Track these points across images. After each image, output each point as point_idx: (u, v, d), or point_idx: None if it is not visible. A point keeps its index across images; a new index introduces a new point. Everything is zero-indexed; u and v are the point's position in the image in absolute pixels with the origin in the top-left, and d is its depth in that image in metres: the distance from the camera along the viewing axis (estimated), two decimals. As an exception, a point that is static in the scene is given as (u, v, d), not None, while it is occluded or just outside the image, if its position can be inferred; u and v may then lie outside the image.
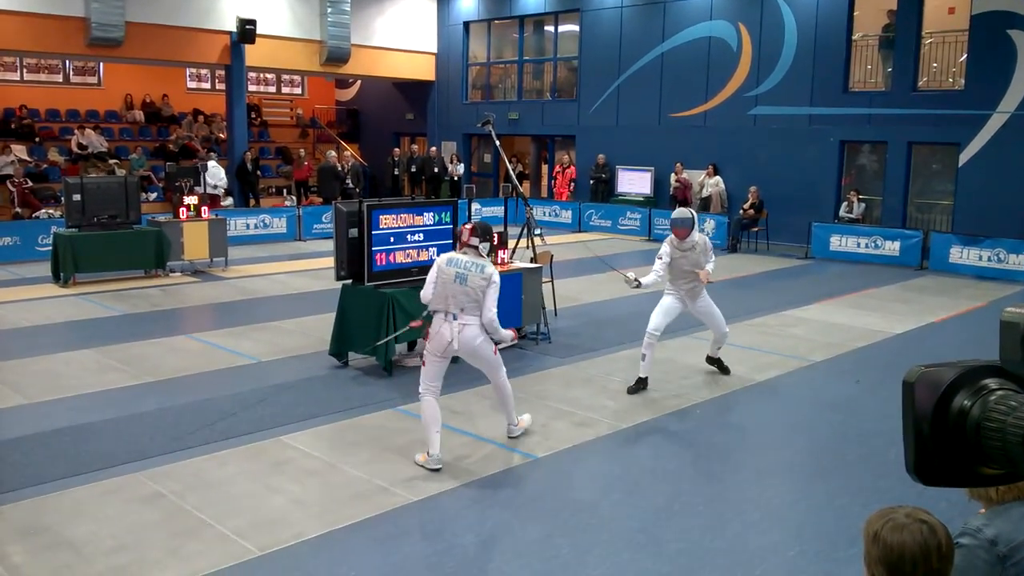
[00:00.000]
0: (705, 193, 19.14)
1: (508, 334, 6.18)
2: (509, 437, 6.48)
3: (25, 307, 11.07)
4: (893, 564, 2.05)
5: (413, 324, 6.73)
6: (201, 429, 6.59)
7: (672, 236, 7.77)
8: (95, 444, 6.31)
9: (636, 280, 7.55)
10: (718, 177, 19.00)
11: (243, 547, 4.80)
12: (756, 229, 17.68)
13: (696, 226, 7.78)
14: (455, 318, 5.87)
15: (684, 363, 8.87)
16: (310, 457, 6.13)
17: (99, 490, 5.52)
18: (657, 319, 7.81)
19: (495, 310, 5.91)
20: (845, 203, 17.23)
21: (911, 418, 1.42)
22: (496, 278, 5.93)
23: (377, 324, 8.09)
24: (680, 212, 7.88)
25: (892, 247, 15.84)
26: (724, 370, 8.42)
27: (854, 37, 17.59)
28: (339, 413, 7.05)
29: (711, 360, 8.51)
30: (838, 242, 16.48)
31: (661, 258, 7.75)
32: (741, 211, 17.85)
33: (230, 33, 20.10)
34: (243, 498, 5.34)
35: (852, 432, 6.89)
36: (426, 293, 6.01)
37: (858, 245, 16.25)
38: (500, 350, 6.25)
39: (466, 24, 24.14)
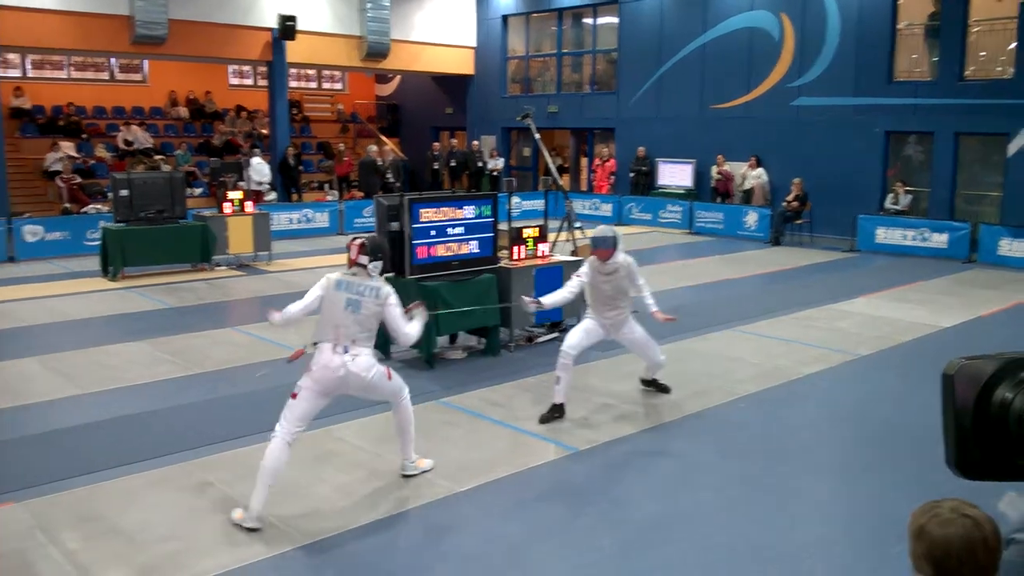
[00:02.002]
0: (747, 185, 18.96)
1: (417, 323, 5.36)
2: (402, 475, 5.63)
3: (76, 300, 11.31)
4: (938, 559, 2.02)
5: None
6: (248, 420, 6.69)
7: (593, 257, 6.85)
8: (146, 434, 6.44)
9: (535, 302, 6.79)
10: (761, 169, 18.81)
11: (290, 535, 4.87)
12: (800, 221, 17.47)
13: (619, 247, 6.79)
14: (346, 350, 5.07)
15: (728, 356, 8.81)
16: (356, 448, 6.20)
17: (150, 479, 5.64)
18: (574, 338, 6.90)
19: (406, 329, 5.23)
20: (891, 195, 16.96)
21: (951, 411, 1.41)
22: (394, 299, 5.19)
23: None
24: (600, 230, 6.90)
25: (939, 239, 15.57)
26: (664, 389, 7.46)
27: (899, 26, 17.28)
28: (384, 405, 7.08)
29: (647, 382, 7.54)
30: (884, 234, 16.24)
31: (580, 276, 6.88)
32: (784, 203, 17.65)
33: (271, 30, 20.31)
34: (290, 487, 5.41)
35: (900, 426, 6.80)
36: (294, 308, 5.22)
37: (904, 237, 15.99)
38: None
39: (505, 18, 24.13)
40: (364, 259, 5.20)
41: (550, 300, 6.88)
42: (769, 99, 18.90)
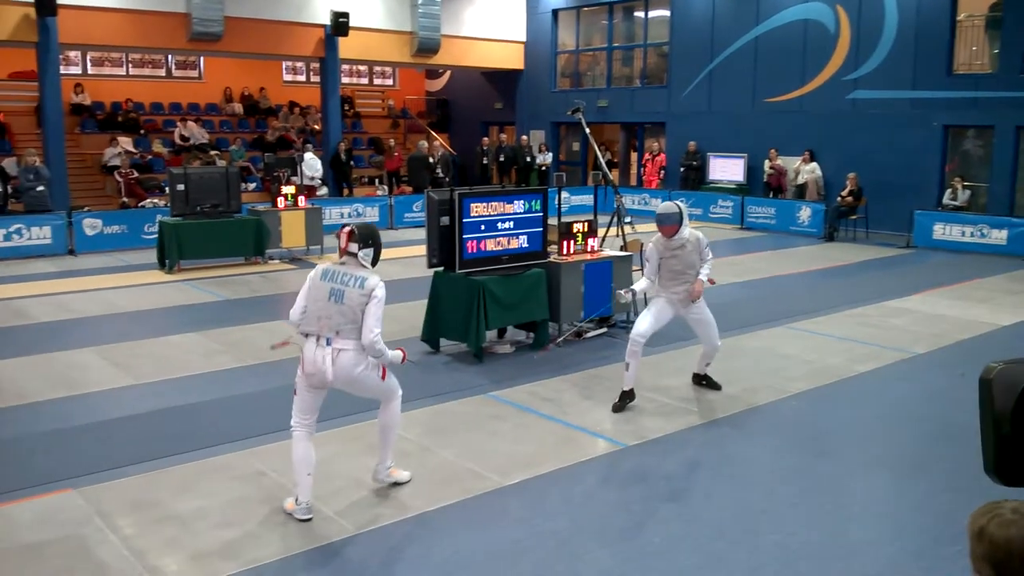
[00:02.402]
0: (801, 180, 18.70)
1: (396, 355, 5.05)
2: (374, 479, 5.42)
3: (133, 292, 11.57)
4: (1000, 561, 1.97)
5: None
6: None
7: (659, 234, 6.87)
8: (201, 423, 6.57)
9: (630, 291, 6.94)
10: (815, 163, 18.53)
11: (340, 525, 4.93)
12: (855, 217, 17.18)
13: (685, 221, 6.80)
14: (329, 343, 4.88)
15: (780, 353, 8.71)
16: (404, 440, 6.24)
17: (205, 467, 5.75)
18: (644, 324, 6.87)
19: (378, 330, 4.83)
20: (949, 190, 16.60)
21: (990, 416, 1.36)
22: (380, 292, 4.85)
23: (467, 311, 8.19)
24: (665, 207, 6.87)
25: (999, 236, 15.19)
26: (715, 386, 7.42)
27: (959, 17, 16.90)
28: (432, 398, 7.16)
29: (699, 378, 7.52)
30: (942, 230, 15.89)
31: (648, 261, 6.91)
32: (839, 198, 17.37)
33: (324, 26, 20.52)
34: (340, 478, 5.47)
35: (955, 426, 6.65)
36: (294, 311, 5.05)
37: (963, 234, 15.63)
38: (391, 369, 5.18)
39: (555, 12, 24.08)
40: (354, 247, 4.96)
41: (639, 286, 6.99)
42: (824, 92, 18.60)
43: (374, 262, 5.06)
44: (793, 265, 14.19)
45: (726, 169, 20.44)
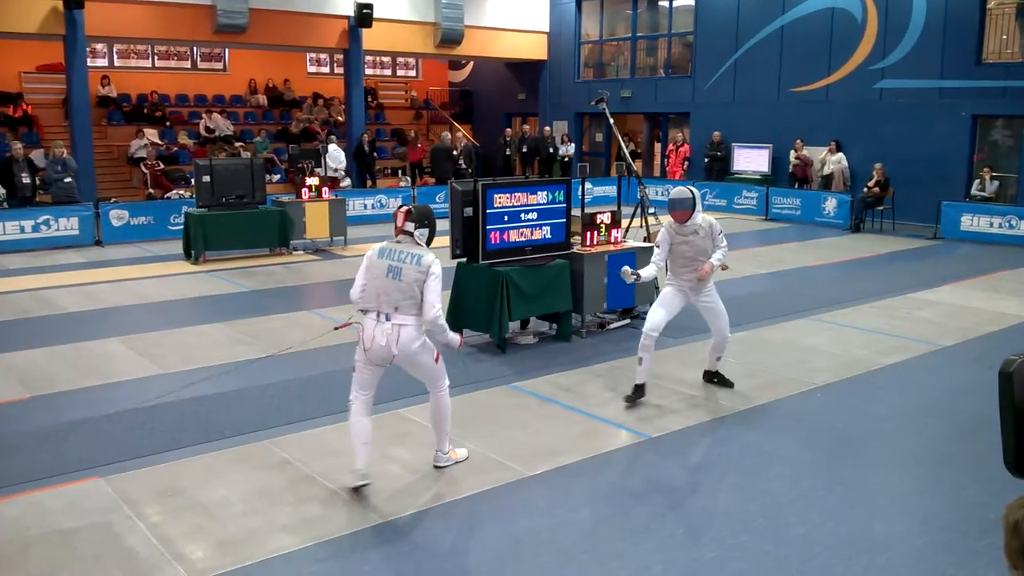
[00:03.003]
0: (827, 171, 18.52)
1: (455, 337, 5.33)
2: (435, 466, 5.58)
3: (159, 283, 11.67)
4: (1037, 555, 1.95)
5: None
6: (325, 400, 6.82)
7: (670, 219, 6.78)
8: (226, 413, 6.62)
9: (635, 274, 6.76)
10: (841, 154, 18.35)
11: (366, 514, 4.96)
12: (881, 208, 17.01)
13: (698, 207, 6.71)
14: (388, 319, 5.04)
15: (805, 344, 8.65)
16: (427, 430, 6.25)
17: (230, 456, 5.80)
18: (656, 317, 6.79)
19: (439, 306, 5.06)
20: (977, 181, 16.38)
21: (1010, 411, 1.33)
22: (437, 269, 5.06)
23: (490, 302, 8.19)
24: (678, 191, 6.78)
25: (1029, 227, 14.99)
26: (726, 384, 7.26)
27: (988, 5, 16.65)
28: (454, 388, 7.09)
29: (710, 375, 7.37)
30: (969, 222, 15.69)
31: (659, 246, 6.80)
32: (865, 189, 17.20)
33: (348, 18, 20.56)
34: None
35: (984, 419, 6.55)
36: (355, 290, 5.19)
37: (991, 225, 15.43)
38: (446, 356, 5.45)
39: (578, 2, 23.97)
40: (410, 226, 5.16)
41: (646, 272, 6.85)
42: (850, 82, 18.41)
43: (429, 241, 5.25)
44: (818, 256, 14.07)
45: (751, 159, 20.29)
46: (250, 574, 4.34)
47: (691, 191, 6.77)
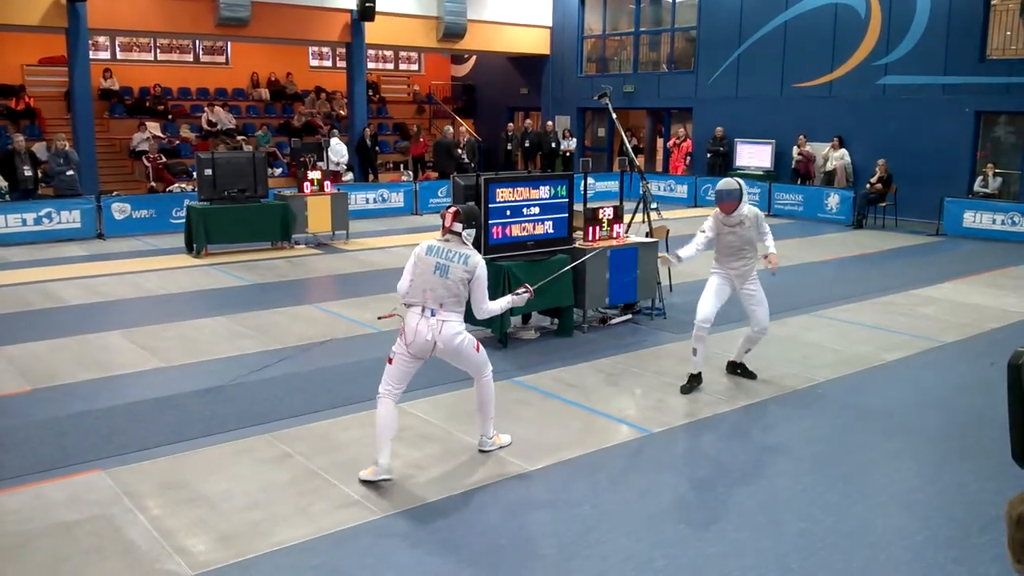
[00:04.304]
0: (829, 167, 18.50)
1: (509, 299, 5.62)
2: (480, 450, 5.76)
3: (161, 276, 11.67)
4: (1041, 548, 1.94)
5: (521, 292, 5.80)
6: (327, 394, 6.82)
7: (717, 210, 6.94)
8: (228, 406, 6.62)
9: (676, 256, 6.90)
10: (844, 150, 18.33)
11: (367, 508, 4.96)
12: (884, 204, 16.98)
13: (744, 198, 6.89)
14: (433, 314, 5.21)
15: (807, 340, 8.64)
16: (428, 424, 6.27)
17: (232, 449, 5.80)
18: (707, 307, 6.92)
19: (488, 303, 5.40)
20: (980, 177, 16.35)
21: (1018, 403, 1.33)
22: (481, 271, 5.28)
23: (492, 297, 8.16)
24: (726, 183, 6.95)
25: (1032, 224, 14.97)
26: (749, 375, 7.40)
27: (992, 1, 16.60)
28: (456, 383, 7.16)
29: (734, 366, 7.46)
30: (972, 218, 15.67)
31: (704, 232, 6.97)
32: (868, 185, 17.18)
33: (350, 11, 20.53)
34: (366, 461, 5.49)
35: (986, 415, 6.57)
36: (402, 284, 5.35)
37: (994, 222, 15.42)
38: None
39: (582, -4, 23.94)
40: (458, 226, 5.32)
41: (686, 253, 6.91)
42: (854, 78, 18.38)
43: (475, 241, 5.47)
44: (821, 252, 14.06)
45: (753, 155, 20.26)
46: (251, 567, 4.35)
47: (738, 182, 6.94)
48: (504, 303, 5.58)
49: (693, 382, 7.02)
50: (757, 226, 6.95)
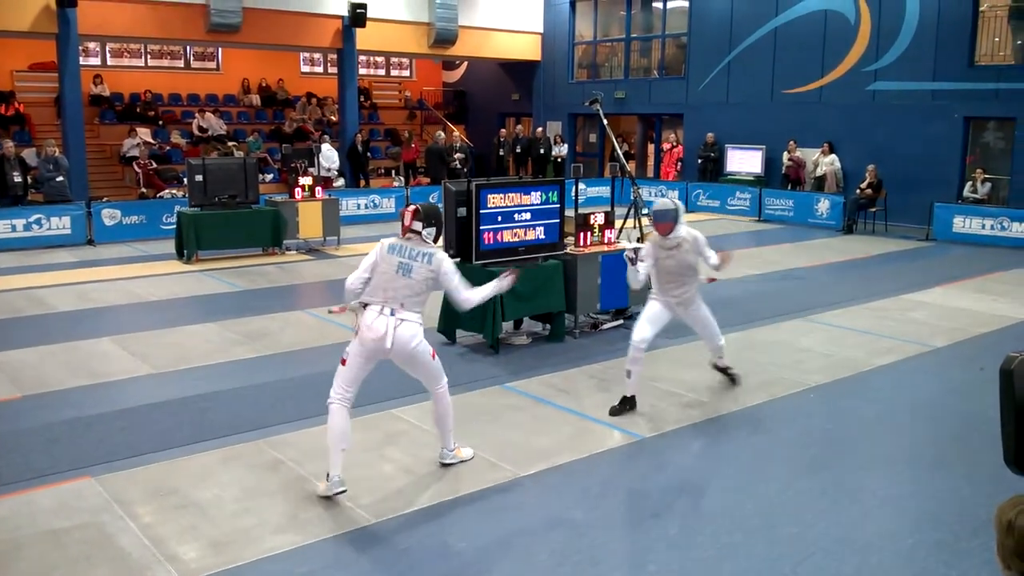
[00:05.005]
0: (820, 172, 18.58)
1: (496, 285, 5.48)
2: (441, 463, 5.60)
3: (152, 282, 11.63)
4: (1033, 555, 1.95)
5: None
6: (318, 400, 6.79)
7: (655, 233, 6.56)
8: (219, 412, 6.60)
9: (634, 254, 6.66)
10: (834, 155, 18.41)
11: (358, 514, 4.95)
12: (874, 209, 17.04)
13: (681, 219, 6.49)
14: (392, 312, 5.05)
15: (798, 345, 8.66)
16: (420, 430, 6.26)
17: (223, 456, 5.78)
18: (643, 329, 6.60)
19: (466, 292, 5.29)
20: (969, 183, 16.44)
21: (1010, 408, 1.34)
22: (447, 265, 5.17)
23: (484, 303, 8.17)
24: (661, 203, 6.62)
25: (1020, 229, 15.05)
26: (733, 380, 7.27)
27: (981, 8, 16.71)
28: (448, 388, 7.15)
29: (717, 368, 7.31)
30: (962, 223, 15.75)
31: (643, 260, 6.62)
32: (858, 191, 17.24)
33: (342, 17, 20.54)
34: (358, 467, 5.49)
35: (976, 420, 6.60)
36: (354, 281, 5.17)
37: (983, 227, 15.49)
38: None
39: (572, 2, 23.99)
40: (418, 225, 5.18)
41: (643, 267, 6.59)
42: (843, 84, 18.46)
43: (436, 240, 5.29)
44: (811, 258, 14.10)
45: (744, 161, 20.33)
46: (243, 574, 4.33)
47: (674, 202, 6.63)
48: (488, 290, 5.45)
49: (625, 404, 6.65)
50: (697, 250, 6.55)
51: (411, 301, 5.10)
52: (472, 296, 5.33)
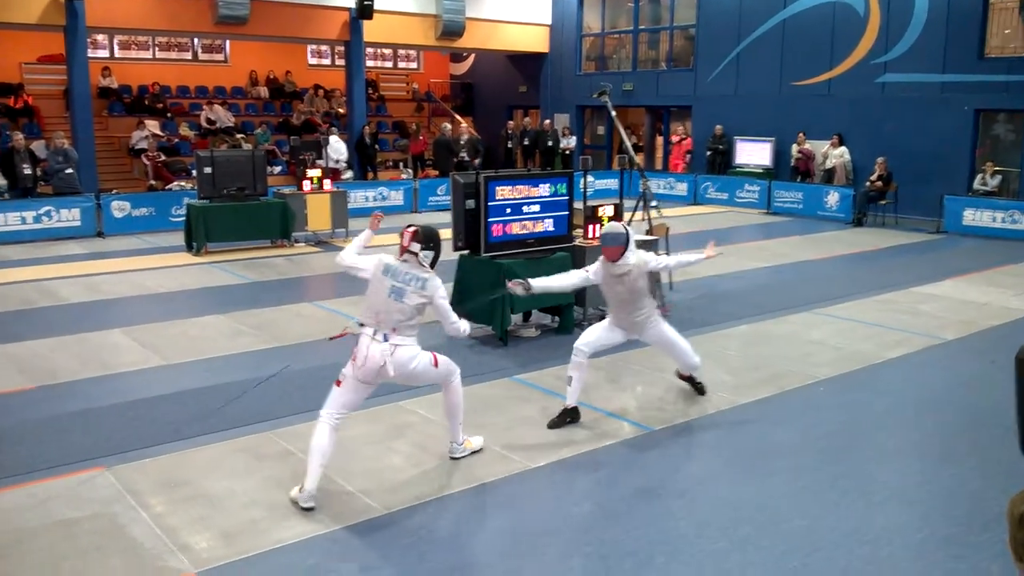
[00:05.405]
0: (829, 164, 18.50)
1: (465, 325, 5.36)
2: (451, 457, 5.59)
3: (161, 274, 11.66)
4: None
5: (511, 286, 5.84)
6: (327, 392, 6.81)
7: (602, 257, 6.14)
8: (229, 404, 6.61)
9: (524, 283, 5.97)
10: (843, 148, 18.32)
11: (368, 505, 4.97)
12: (884, 202, 16.97)
13: (631, 246, 6.07)
14: (386, 338, 4.97)
15: (807, 338, 8.64)
16: (429, 422, 6.27)
17: (233, 447, 5.80)
18: (591, 335, 6.25)
19: (456, 321, 5.22)
20: (980, 175, 16.36)
21: None
22: (441, 292, 5.10)
23: (492, 294, 8.18)
24: (611, 227, 6.21)
25: (1031, 221, 14.98)
26: (699, 389, 6.84)
27: (991, -1, 16.61)
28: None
29: (681, 377, 6.90)
30: (972, 216, 15.67)
31: (586, 271, 6.22)
32: (868, 183, 17.17)
33: (349, 9, 20.50)
34: (367, 459, 5.50)
35: (986, 413, 6.58)
36: (347, 255, 5.23)
37: (993, 219, 15.42)
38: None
39: (581, -6, 23.91)
40: (416, 246, 5.07)
41: (540, 284, 6.11)
42: (853, 76, 18.37)
43: (433, 263, 5.15)
44: (821, 250, 14.06)
45: (753, 153, 20.25)
46: (253, 565, 4.35)
47: (625, 228, 6.19)
48: (466, 326, 5.35)
49: (565, 417, 6.21)
50: (644, 274, 6.16)
51: (404, 325, 5.01)
52: (460, 326, 5.27)
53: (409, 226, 5.20)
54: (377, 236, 5.54)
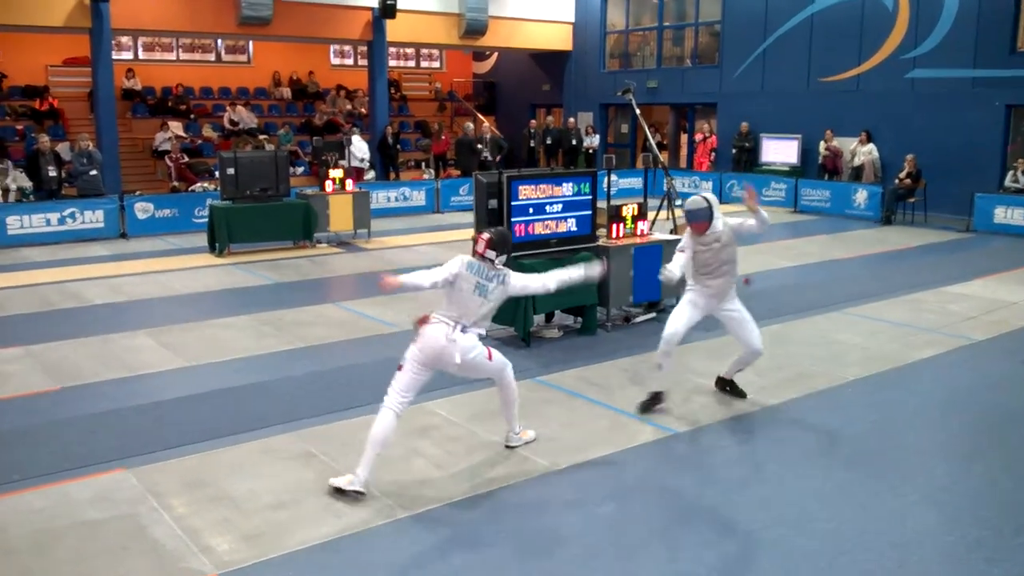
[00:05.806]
0: (857, 162, 18.28)
1: (583, 270, 5.68)
2: (507, 446, 5.79)
3: (184, 276, 11.71)
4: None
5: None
6: (350, 394, 6.80)
7: (689, 230, 6.34)
8: (252, 405, 6.62)
9: (670, 273, 6.26)
10: (871, 145, 18.09)
11: (390, 507, 4.93)
12: (913, 200, 16.75)
13: (716, 214, 6.23)
14: (464, 329, 5.25)
15: (835, 338, 8.53)
16: (452, 423, 6.23)
17: (256, 448, 5.79)
18: (675, 323, 6.37)
19: (529, 283, 5.57)
20: (1011, 172, 16.08)
21: None
22: (516, 278, 5.47)
23: (516, 296, 8.12)
24: (693, 201, 6.30)
25: (1063, 219, 14.72)
26: (739, 394, 6.81)
27: (1024, -8, 16.33)
28: (479, 382, 7.09)
29: (723, 383, 6.90)
30: (1003, 214, 15.42)
31: (682, 251, 6.37)
32: (896, 181, 16.95)
33: (372, 9, 20.53)
34: (390, 460, 5.46)
35: (1018, 414, 6.46)
36: (420, 279, 5.29)
37: (1025, 217, 15.17)
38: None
39: (604, -8, 23.81)
40: (491, 253, 5.35)
41: (672, 268, 6.30)
42: (881, 71, 18.15)
43: (507, 263, 5.51)
44: (848, 249, 13.89)
45: (779, 151, 20.06)
46: (276, 567, 4.33)
47: (707, 199, 6.28)
48: (567, 275, 5.69)
49: (654, 400, 6.47)
50: (734, 241, 6.32)
51: (482, 320, 5.35)
52: (539, 286, 5.61)
53: (483, 232, 5.48)
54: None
